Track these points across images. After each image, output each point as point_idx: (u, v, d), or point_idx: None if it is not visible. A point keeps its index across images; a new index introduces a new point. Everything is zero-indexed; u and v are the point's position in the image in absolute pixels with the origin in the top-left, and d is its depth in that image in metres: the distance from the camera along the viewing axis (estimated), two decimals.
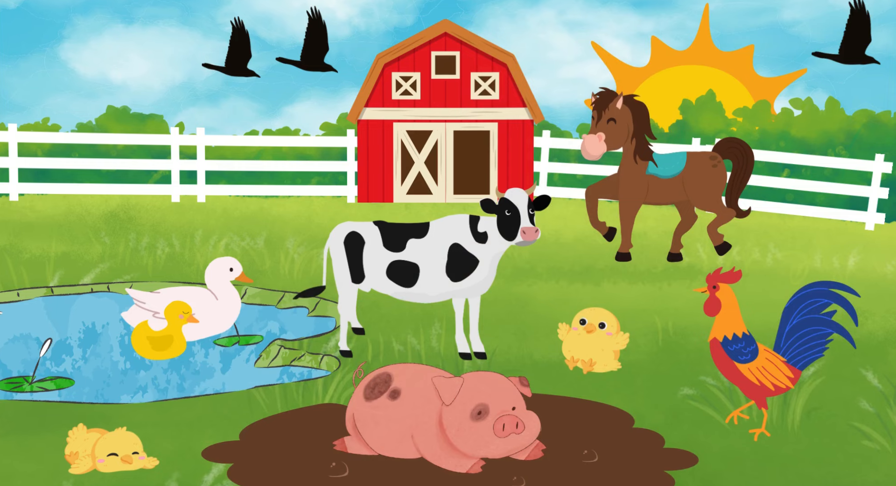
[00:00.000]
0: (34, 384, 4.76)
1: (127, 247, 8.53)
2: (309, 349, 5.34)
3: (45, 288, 6.85)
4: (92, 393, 4.67)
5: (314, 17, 13.03)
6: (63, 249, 8.41)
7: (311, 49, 12.86)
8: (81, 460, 3.58)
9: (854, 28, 12.71)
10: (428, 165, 13.60)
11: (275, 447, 3.81)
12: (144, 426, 3.90)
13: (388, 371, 3.69)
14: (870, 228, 11.71)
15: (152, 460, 3.64)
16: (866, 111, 14.36)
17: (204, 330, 5.34)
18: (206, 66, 13.66)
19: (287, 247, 8.40)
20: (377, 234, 5.15)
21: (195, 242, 8.83)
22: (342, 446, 3.73)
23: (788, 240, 9.49)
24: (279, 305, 6.60)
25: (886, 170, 11.91)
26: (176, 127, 13.44)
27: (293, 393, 4.51)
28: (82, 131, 14.84)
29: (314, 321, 6.14)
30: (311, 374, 4.95)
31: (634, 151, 7.89)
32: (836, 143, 14.02)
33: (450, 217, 5.20)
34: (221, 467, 3.56)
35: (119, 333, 5.59)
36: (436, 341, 5.44)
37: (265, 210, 11.65)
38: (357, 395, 3.69)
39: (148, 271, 7.67)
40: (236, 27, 13.32)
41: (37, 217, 10.67)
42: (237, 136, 13.84)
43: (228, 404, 4.44)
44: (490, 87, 13.61)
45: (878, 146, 12.76)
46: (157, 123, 15.70)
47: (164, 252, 8.35)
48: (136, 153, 13.70)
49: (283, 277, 7.48)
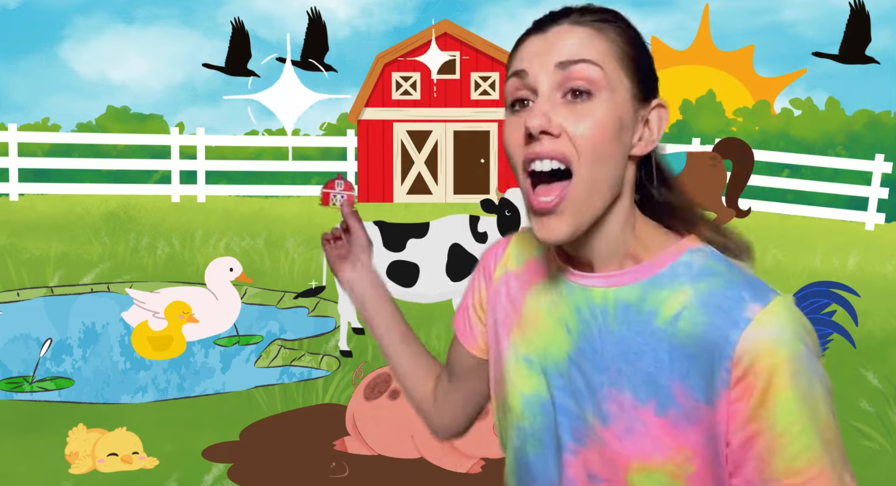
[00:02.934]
0: (34, 384, 4.76)
1: (127, 247, 8.53)
2: (309, 349, 5.35)
3: (45, 288, 6.85)
4: (92, 393, 4.67)
5: (314, 18, 13.03)
6: (63, 249, 8.41)
7: (310, 49, 12.86)
8: (81, 460, 3.58)
9: (854, 28, 12.72)
10: (428, 166, 13.62)
11: (275, 447, 3.81)
12: (144, 426, 3.91)
13: (388, 371, 3.69)
14: (870, 228, 11.72)
15: (152, 460, 3.64)
16: (866, 111, 14.37)
17: (204, 330, 5.33)
18: (206, 67, 13.67)
19: (287, 247, 8.41)
20: (377, 234, 5.15)
21: (195, 242, 8.83)
22: (342, 446, 3.73)
23: (788, 240, 9.50)
24: (279, 305, 6.60)
25: (886, 170, 11.91)
26: (176, 127, 13.44)
27: (293, 393, 4.51)
28: (82, 131, 14.86)
29: (314, 321, 6.14)
30: (311, 374, 4.95)
31: None
32: (836, 143, 14.03)
33: (450, 217, 5.20)
34: (221, 467, 3.56)
35: (119, 333, 5.59)
36: (436, 340, 5.45)
37: (265, 210, 11.65)
38: (357, 395, 3.69)
39: (148, 271, 7.67)
40: (236, 27, 13.32)
41: (37, 217, 10.67)
42: (237, 136, 13.85)
43: (228, 404, 4.44)
44: (490, 87, 13.62)
45: (878, 146, 12.77)
46: (157, 123, 15.72)
47: (164, 252, 8.36)
48: (136, 153, 13.70)
49: (283, 277, 7.48)
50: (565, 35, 0.96)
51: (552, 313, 1.05)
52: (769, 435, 0.88)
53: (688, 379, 0.91)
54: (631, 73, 0.96)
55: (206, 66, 13.70)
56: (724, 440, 0.90)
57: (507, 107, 1.00)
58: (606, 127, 0.93)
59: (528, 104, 0.96)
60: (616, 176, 0.96)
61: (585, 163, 0.93)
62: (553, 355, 1.03)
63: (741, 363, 0.87)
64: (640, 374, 0.94)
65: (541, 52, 0.96)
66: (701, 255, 0.97)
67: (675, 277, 0.96)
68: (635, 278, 0.97)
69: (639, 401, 0.94)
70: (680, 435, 0.91)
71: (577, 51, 0.94)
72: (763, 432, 0.88)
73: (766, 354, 0.87)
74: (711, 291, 0.92)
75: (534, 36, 0.99)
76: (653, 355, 0.93)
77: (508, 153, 1.00)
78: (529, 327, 1.07)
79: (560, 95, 0.94)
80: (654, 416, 0.93)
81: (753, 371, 0.87)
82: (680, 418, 0.91)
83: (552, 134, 0.93)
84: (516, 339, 1.09)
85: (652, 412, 0.93)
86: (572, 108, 0.93)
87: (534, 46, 0.97)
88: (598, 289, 0.99)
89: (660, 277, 0.97)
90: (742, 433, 0.89)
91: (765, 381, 0.87)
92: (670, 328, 0.93)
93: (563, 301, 1.03)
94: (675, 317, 0.93)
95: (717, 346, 0.89)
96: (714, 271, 0.95)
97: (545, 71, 0.94)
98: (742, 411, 0.88)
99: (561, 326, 1.03)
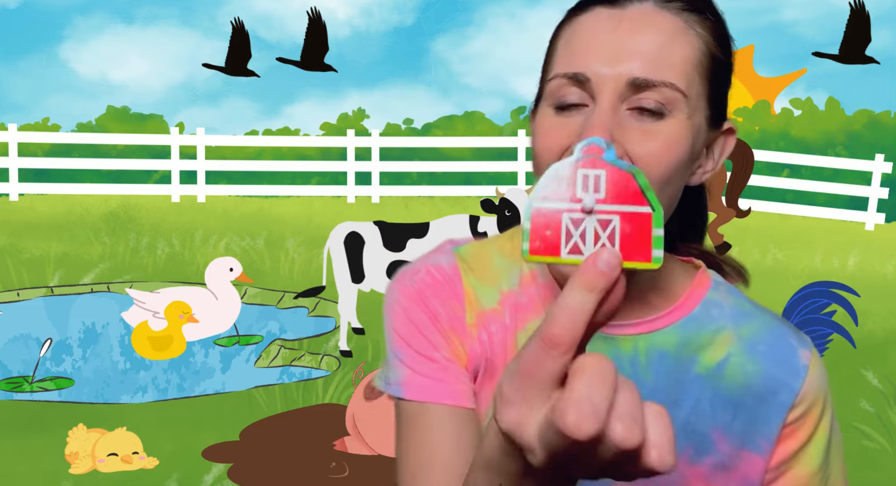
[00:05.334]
0: (34, 384, 4.76)
1: (127, 247, 8.53)
2: (309, 349, 5.35)
3: (45, 288, 6.85)
4: (92, 393, 4.67)
5: (314, 18, 13.03)
6: (63, 249, 8.41)
7: (311, 49, 12.86)
8: (81, 460, 3.58)
9: (854, 28, 12.71)
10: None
11: (275, 447, 3.81)
12: (144, 426, 3.90)
13: None
14: (870, 228, 11.72)
15: (152, 460, 3.64)
16: (866, 111, 14.37)
17: (204, 330, 5.34)
18: (206, 67, 13.67)
19: (287, 247, 8.41)
20: (377, 234, 5.15)
21: (195, 242, 8.83)
22: (342, 446, 3.73)
23: (788, 240, 9.49)
24: (279, 305, 6.60)
25: (886, 170, 11.91)
26: (176, 127, 13.44)
27: (293, 393, 4.51)
28: (82, 131, 14.86)
29: (314, 321, 6.14)
30: (311, 374, 4.95)
31: None
32: (836, 143, 14.03)
33: (450, 217, 5.20)
34: (221, 467, 3.56)
35: (119, 333, 5.59)
36: None
37: (265, 210, 11.65)
38: (357, 395, 3.69)
39: (148, 271, 7.67)
40: (236, 27, 13.33)
41: (37, 217, 10.66)
42: (237, 136, 13.85)
43: (228, 404, 4.44)
44: None
45: (878, 146, 12.77)
46: (157, 123, 15.72)
47: (164, 252, 8.35)
48: (136, 153, 13.70)
49: (283, 277, 7.48)
50: (647, 28, 0.75)
51: None
52: (803, 473, 0.89)
53: (731, 427, 0.86)
54: (710, 88, 0.81)
55: (206, 67, 13.69)
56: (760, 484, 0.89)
57: (550, 104, 0.79)
58: (677, 152, 0.76)
59: (579, 107, 0.77)
60: (670, 212, 0.81)
61: None
62: None
63: (798, 410, 0.87)
64: (675, 423, 0.83)
65: (611, 54, 0.74)
66: (724, 289, 0.90)
67: (711, 319, 0.87)
68: (668, 321, 0.85)
69: None
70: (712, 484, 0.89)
71: (660, 65, 0.74)
72: (795, 470, 0.89)
73: (819, 399, 0.88)
74: (756, 336, 0.87)
75: (604, 8, 0.77)
76: (693, 403, 0.85)
77: (538, 158, 0.80)
78: None
79: (626, 107, 0.75)
80: (689, 465, 0.86)
81: (807, 417, 0.88)
82: (717, 466, 0.86)
83: None
84: None
85: (687, 460, 0.86)
86: (640, 125, 0.75)
87: (602, 28, 0.76)
88: (627, 336, 0.85)
89: (695, 319, 0.86)
90: (774, 473, 0.89)
91: (814, 425, 0.88)
92: (714, 376, 0.86)
93: None
94: (721, 364, 0.86)
95: (774, 394, 0.86)
96: (746, 311, 0.89)
97: (614, 80, 0.74)
98: (783, 453, 0.88)
99: None
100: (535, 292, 0.87)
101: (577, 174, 0.51)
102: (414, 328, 0.87)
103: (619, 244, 0.50)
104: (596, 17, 0.76)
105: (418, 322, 0.87)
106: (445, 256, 0.91)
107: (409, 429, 0.85)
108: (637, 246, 0.50)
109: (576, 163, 0.51)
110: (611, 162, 0.51)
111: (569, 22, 0.79)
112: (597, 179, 0.51)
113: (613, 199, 0.50)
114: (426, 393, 0.85)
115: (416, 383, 0.85)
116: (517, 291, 0.88)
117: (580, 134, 0.74)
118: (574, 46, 0.76)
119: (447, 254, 0.91)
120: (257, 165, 13.50)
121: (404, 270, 0.92)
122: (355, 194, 12.90)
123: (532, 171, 0.82)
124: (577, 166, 0.51)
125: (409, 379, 0.86)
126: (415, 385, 0.85)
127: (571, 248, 0.51)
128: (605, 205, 0.50)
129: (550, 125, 0.78)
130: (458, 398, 0.85)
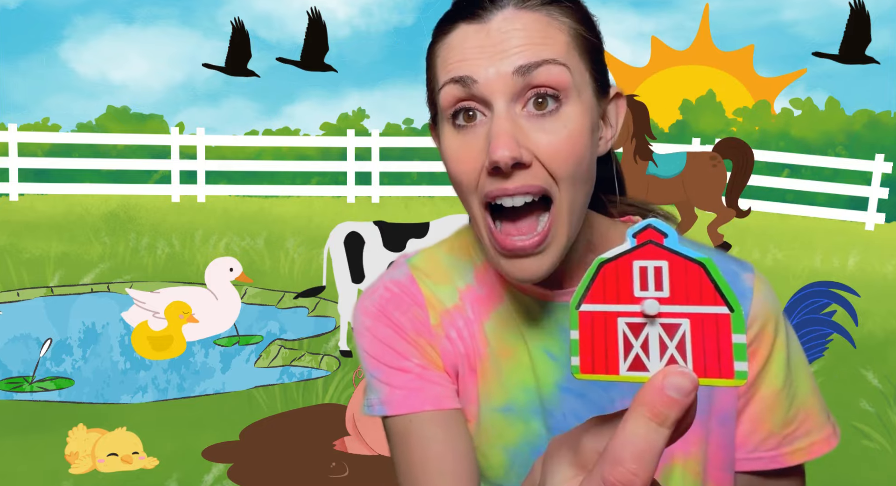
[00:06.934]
0: (34, 384, 4.76)
1: (127, 247, 8.53)
2: (309, 349, 5.35)
3: (45, 288, 6.85)
4: (92, 393, 4.67)
5: (314, 18, 13.03)
6: (63, 249, 8.41)
7: (311, 49, 12.86)
8: (81, 460, 3.58)
9: (854, 28, 12.71)
10: None
11: (275, 447, 3.81)
12: (144, 426, 3.91)
13: None
14: (870, 228, 11.72)
15: (152, 460, 3.64)
16: (866, 111, 14.37)
17: (204, 330, 5.34)
18: (206, 67, 13.67)
19: (287, 247, 8.41)
20: (377, 234, 5.15)
21: (195, 242, 8.83)
22: (342, 446, 3.73)
23: (788, 240, 9.50)
24: (279, 305, 6.60)
25: (886, 170, 11.91)
26: (176, 127, 13.44)
27: (293, 393, 4.51)
28: (82, 131, 14.86)
29: (314, 321, 6.14)
30: (311, 374, 4.95)
31: (634, 152, 7.90)
32: (836, 143, 14.03)
33: (450, 217, 5.20)
34: (221, 467, 3.56)
35: (119, 333, 5.59)
36: None
37: (265, 210, 11.65)
38: (357, 395, 3.69)
39: (148, 271, 7.67)
40: (236, 27, 13.32)
41: (37, 217, 10.67)
42: (237, 136, 13.85)
43: (228, 404, 4.44)
44: None
45: (878, 146, 12.78)
46: (157, 123, 15.72)
47: (164, 252, 8.35)
48: (136, 153, 13.70)
49: (283, 277, 7.48)
50: (515, 28, 0.76)
51: (527, 344, 0.89)
52: (768, 393, 0.90)
53: None
54: (590, 64, 0.80)
55: (206, 67, 13.70)
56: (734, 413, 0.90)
57: (447, 118, 0.80)
58: (581, 139, 0.77)
59: (476, 116, 0.77)
60: (591, 188, 0.82)
61: (566, 188, 0.77)
62: (538, 391, 0.89)
63: (750, 332, 0.89)
64: None
65: (487, 52, 0.76)
66: None
67: None
68: None
69: None
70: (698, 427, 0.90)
71: (537, 50, 0.75)
72: (762, 391, 0.90)
73: (770, 319, 0.89)
74: None
75: (468, 24, 0.78)
76: None
77: (457, 180, 0.79)
78: (498, 368, 0.90)
79: (521, 106, 0.76)
80: None
81: (761, 338, 0.89)
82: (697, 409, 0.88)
83: (524, 164, 0.75)
84: (486, 389, 0.90)
85: None
86: (539, 122, 0.76)
87: (473, 41, 0.77)
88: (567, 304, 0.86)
89: None
90: (744, 398, 0.90)
91: (770, 345, 0.89)
92: None
93: (539, 327, 0.88)
94: None
95: None
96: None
97: (500, 79, 0.75)
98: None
99: (542, 355, 0.88)
100: (492, 281, 0.91)
101: (633, 267, 0.41)
102: (382, 345, 0.90)
103: (691, 357, 0.40)
104: (464, 33, 0.78)
105: (384, 337, 0.91)
106: (399, 269, 0.96)
107: (401, 446, 0.88)
108: (714, 358, 0.40)
109: (630, 253, 0.42)
110: (674, 250, 0.41)
111: (440, 42, 0.81)
112: (658, 273, 0.41)
113: (680, 298, 0.41)
114: (406, 404, 0.88)
115: (395, 399, 0.89)
116: (474, 285, 0.92)
117: (486, 149, 0.75)
118: (453, 59, 0.78)
119: (401, 267, 0.96)
120: (257, 165, 13.50)
121: (365, 292, 0.96)
122: (355, 194, 12.90)
123: None
124: (631, 257, 0.42)
125: (389, 396, 0.89)
126: (395, 400, 0.89)
127: (632, 363, 0.41)
128: (670, 306, 0.41)
129: (458, 147, 0.79)
130: (438, 402, 0.88)
